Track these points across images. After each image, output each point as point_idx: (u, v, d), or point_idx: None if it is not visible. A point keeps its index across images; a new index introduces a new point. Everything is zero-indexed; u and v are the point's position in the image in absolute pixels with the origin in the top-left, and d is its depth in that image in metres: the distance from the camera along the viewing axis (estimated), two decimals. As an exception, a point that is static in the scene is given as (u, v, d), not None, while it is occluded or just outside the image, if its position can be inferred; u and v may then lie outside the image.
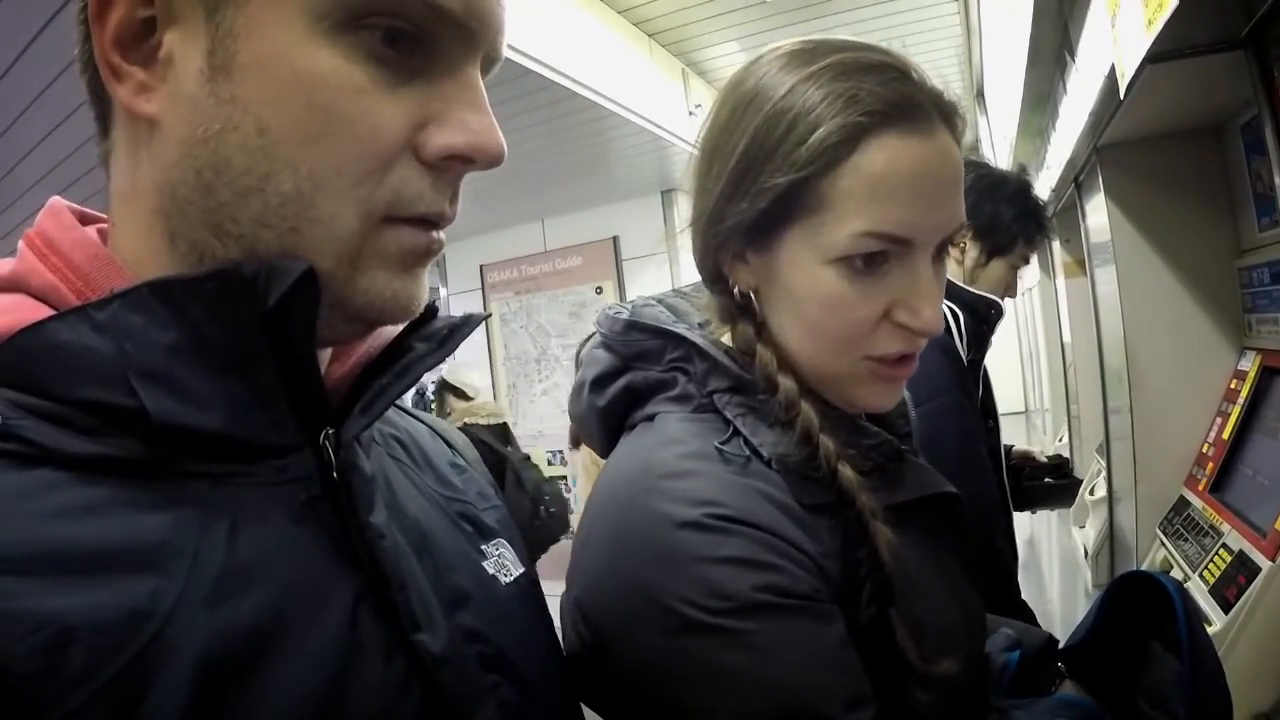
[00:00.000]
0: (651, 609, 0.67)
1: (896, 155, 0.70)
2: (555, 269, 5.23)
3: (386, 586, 0.52)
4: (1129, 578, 0.94)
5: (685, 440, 0.76)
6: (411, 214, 0.52)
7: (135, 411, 0.45)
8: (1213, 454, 1.85)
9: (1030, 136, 2.76)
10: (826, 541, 0.72)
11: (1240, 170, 1.77)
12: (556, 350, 5.21)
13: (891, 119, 0.70)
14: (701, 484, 0.71)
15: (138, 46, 0.49)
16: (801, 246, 0.73)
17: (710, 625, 0.65)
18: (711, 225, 0.77)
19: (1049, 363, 4.08)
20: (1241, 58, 1.31)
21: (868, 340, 0.74)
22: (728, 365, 0.78)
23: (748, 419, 0.76)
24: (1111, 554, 2.32)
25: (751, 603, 0.65)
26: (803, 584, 0.67)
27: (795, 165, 0.70)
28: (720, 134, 0.77)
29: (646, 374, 0.83)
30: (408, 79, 0.51)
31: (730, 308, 0.82)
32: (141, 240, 0.52)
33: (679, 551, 0.68)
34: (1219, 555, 1.57)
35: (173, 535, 0.45)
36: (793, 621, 0.66)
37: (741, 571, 0.66)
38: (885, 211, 0.70)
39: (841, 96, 0.70)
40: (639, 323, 0.83)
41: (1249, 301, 1.81)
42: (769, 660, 0.65)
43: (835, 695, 0.65)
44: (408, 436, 0.71)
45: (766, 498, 0.71)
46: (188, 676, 0.41)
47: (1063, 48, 1.91)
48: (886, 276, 0.72)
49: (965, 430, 1.67)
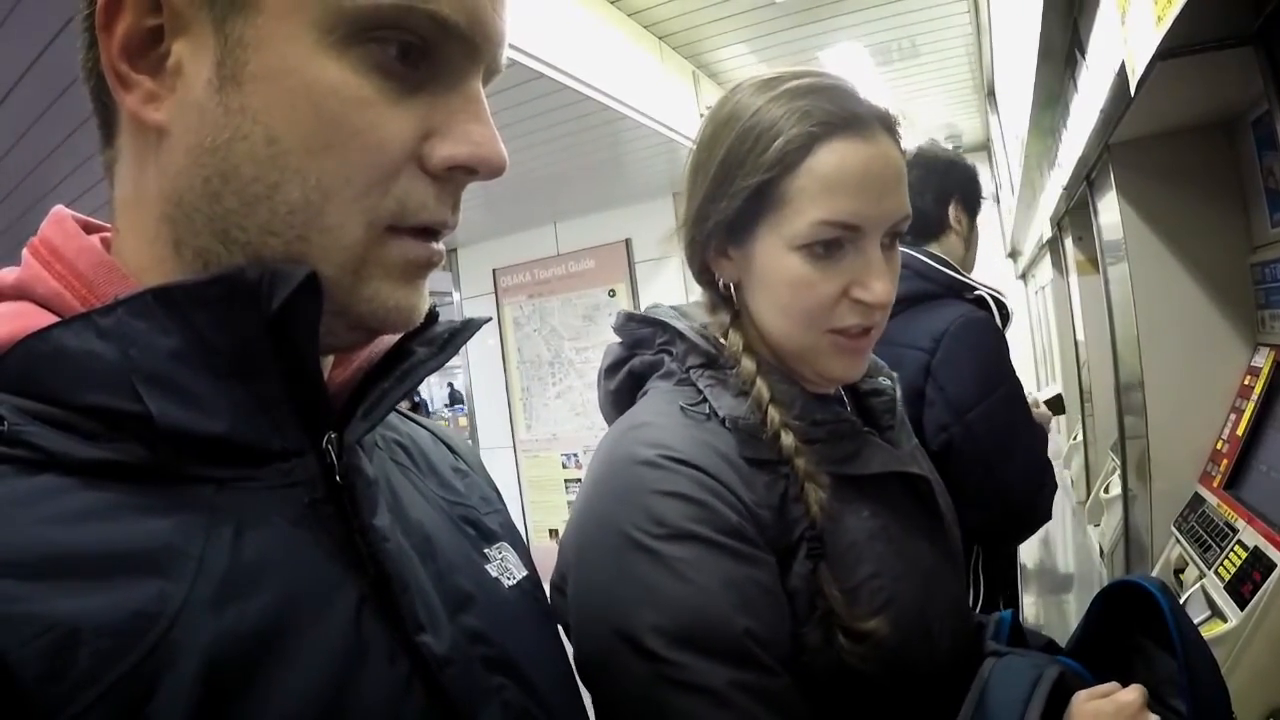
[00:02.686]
0: (604, 531, 0.82)
1: (844, 156, 0.86)
2: (568, 272, 5.24)
3: (390, 588, 0.53)
4: (1116, 586, 0.99)
5: (659, 402, 0.93)
6: (415, 223, 0.53)
7: (140, 416, 0.46)
8: (1227, 450, 1.84)
9: (1041, 135, 2.75)
10: (762, 493, 0.85)
11: (1252, 166, 1.76)
12: (570, 353, 5.21)
13: (839, 128, 0.86)
14: (658, 431, 0.87)
15: (145, 55, 0.50)
16: (771, 237, 0.89)
17: (645, 546, 0.78)
18: (697, 225, 0.94)
19: (1062, 361, 4.07)
20: (1251, 53, 1.31)
21: (830, 315, 0.89)
22: (702, 345, 0.94)
23: (715, 388, 0.92)
24: (1127, 552, 2.31)
25: (683, 531, 0.79)
26: (730, 523, 0.80)
27: (762, 168, 0.87)
28: (704, 150, 0.94)
29: (644, 358, 1.00)
30: (412, 91, 0.52)
31: (714, 299, 0.99)
32: (146, 247, 0.53)
33: (633, 484, 0.83)
34: (1234, 552, 1.57)
35: (178, 539, 0.45)
36: (713, 555, 0.79)
37: (679, 504, 0.80)
38: (837, 203, 0.86)
39: (797, 111, 0.87)
40: (636, 315, 1.02)
41: (1262, 298, 1.80)
42: (683, 583, 0.77)
43: (736, 623, 0.76)
44: (410, 441, 0.72)
45: (713, 449, 0.86)
46: (194, 678, 0.42)
47: (1073, 45, 1.91)
48: (843, 260, 0.88)
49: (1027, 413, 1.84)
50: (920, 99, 5.33)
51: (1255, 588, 1.40)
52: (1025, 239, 4.97)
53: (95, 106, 0.55)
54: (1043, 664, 0.86)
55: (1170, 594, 0.91)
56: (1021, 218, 4.55)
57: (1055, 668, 0.85)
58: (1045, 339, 4.99)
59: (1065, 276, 3.56)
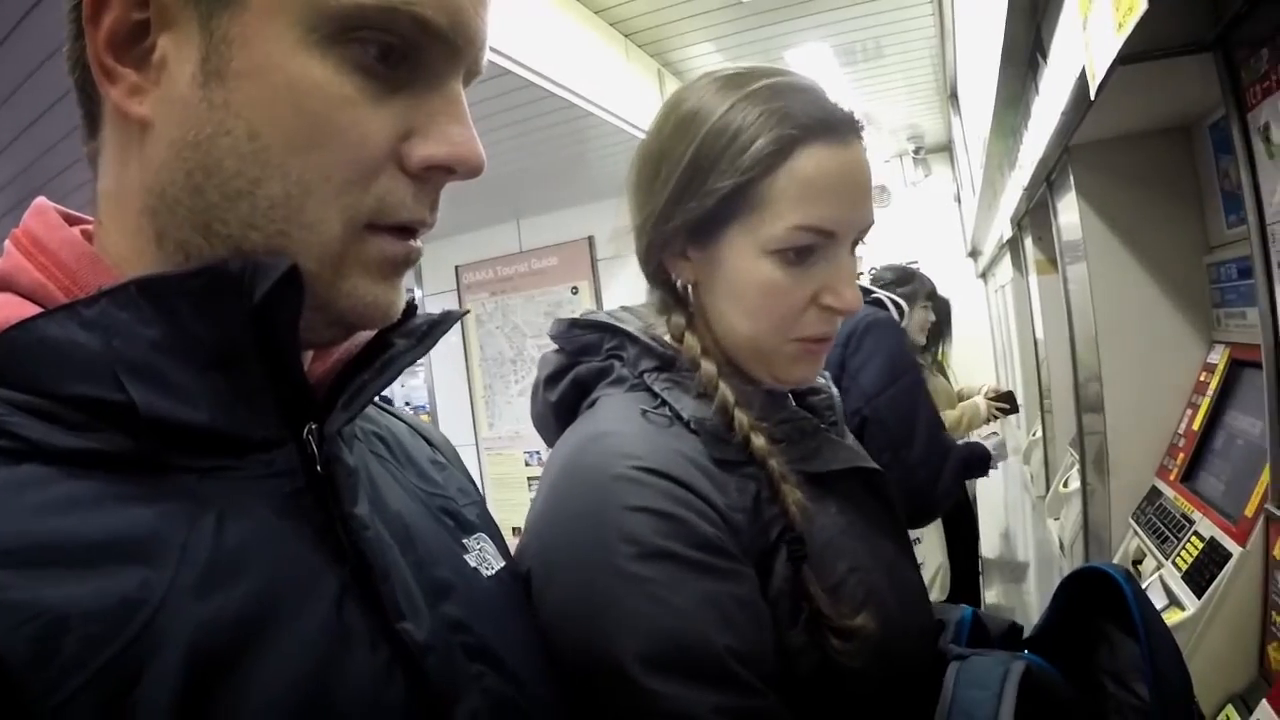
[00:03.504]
0: (575, 552, 0.78)
1: (823, 161, 0.84)
2: (531, 269, 5.23)
3: (370, 577, 0.54)
4: (1079, 573, 1.01)
5: (617, 409, 0.89)
6: (394, 222, 0.55)
7: (123, 406, 0.47)
8: (1183, 445, 1.89)
9: (1003, 136, 2.79)
10: (735, 496, 0.82)
11: (1209, 169, 1.80)
12: (533, 351, 5.21)
13: (818, 132, 0.84)
14: (624, 441, 0.83)
15: (131, 49, 0.51)
16: (743, 240, 0.86)
17: (620, 568, 0.74)
18: (659, 225, 0.90)
19: (1022, 359, 4.13)
20: (1210, 60, 1.35)
21: (798, 323, 0.88)
22: (654, 347, 0.92)
23: (673, 391, 0.89)
24: (1086, 544, 2.36)
25: (657, 549, 0.75)
26: (706, 535, 0.77)
27: (739, 170, 0.84)
28: (666, 145, 0.89)
29: (589, 365, 0.95)
30: (393, 91, 0.53)
31: (668, 300, 0.95)
32: (129, 239, 0.54)
33: (602, 500, 0.78)
34: (1191, 542, 1.61)
35: (161, 527, 0.46)
36: (690, 572, 0.75)
37: (651, 520, 0.76)
38: (815, 208, 0.84)
39: (776, 113, 0.84)
40: (580, 320, 0.98)
41: (1218, 296, 1.85)
42: (661, 606, 0.73)
43: (716, 643, 0.73)
44: (388, 434, 0.73)
45: (681, 454, 0.82)
46: (178, 665, 0.43)
47: (1035, 49, 1.94)
48: (815, 266, 0.86)
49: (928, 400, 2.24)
50: (883, 100, 5.38)
51: (1212, 577, 1.44)
52: (985, 239, 5.03)
53: (80, 98, 0.56)
54: (1007, 660, 0.86)
55: (1133, 580, 0.92)
56: (982, 218, 4.61)
57: (1021, 662, 0.86)
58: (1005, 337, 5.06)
59: (1025, 276, 3.61)
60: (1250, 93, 1.26)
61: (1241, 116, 1.31)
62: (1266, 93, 1.21)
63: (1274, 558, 1.31)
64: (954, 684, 0.85)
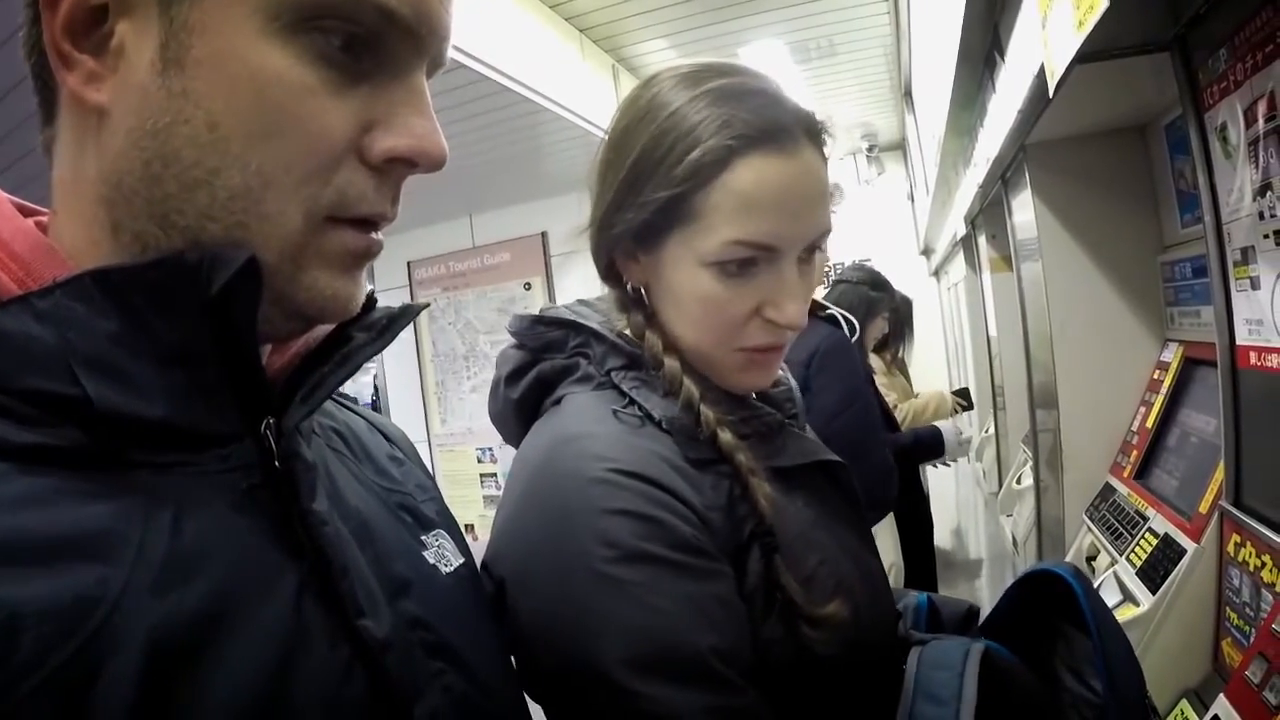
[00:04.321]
0: (554, 557, 0.76)
1: (762, 174, 0.80)
2: (484, 265, 5.18)
3: (329, 573, 0.53)
4: (1032, 573, 1.01)
5: (586, 409, 0.87)
6: (354, 214, 0.54)
7: (78, 400, 0.45)
8: (1137, 442, 1.91)
9: (958, 134, 2.81)
10: (710, 495, 0.81)
11: (1164, 169, 1.83)
12: (485, 347, 5.17)
13: (758, 142, 0.80)
14: (599, 443, 0.81)
15: (88, 35, 0.49)
16: (682, 250, 0.84)
17: (600, 572, 0.73)
18: (604, 230, 0.89)
19: (975, 356, 4.18)
20: (1167, 60, 1.36)
21: (740, 334, 0.86)
22: (621, 346, 0.90)
23: (641, 390, 0.87)
24: (1039, 541, 2.39)
25: (636, 552, 0.74)
26: (685, 536, 0.76)
27: (673, 182, 0.81)
28: (616, 144, 0.87)
29: (554, 362, 0.93)
30: (356, 82, 0.52)
31: (625, 299, 0.93)
32: (84, 230, 0.52)
33: (579, 504, 0.77)
34: (1145, 538, 1.63)
35: (117, 523, 0.45)
36: (670, 574, 0.74)
37: (630, 522, 0.75)
38: (752, 223, 0.81)
39: (716, 120, 0.81)
40: (544, 316, 0.95)
41: (1171, 295, 1.88)
42: (642, 608, 0.72)
43: (700, 644, 0.72)
44: (346, 429, 0.72)
45: (657, 455, 0.81)
46: (136, 662, 0.42)
47: (993, 48, 1.95)
48: (756, 278, 0.83)
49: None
50: (837, 98, 5.41)
51: (1166, 573, 1.45)
52: (939, 237, 5.09)
53: (35, 84, 0.54)
54: (967, 643, 0.87)
55: (1084, 578, 0.93)
56: (936, 216, 4.66)
57: (981, 643, 0.87)
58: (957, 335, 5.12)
59: (978, 273, 3.65)
60: (1208, 93, 1.28)
61: (1199, 117, 1.32)
62: (1224, 93, 1.22)
63: (1228, 554, 1.33)
64: (917, 666, 0.85)
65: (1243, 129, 1.18)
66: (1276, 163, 1.11)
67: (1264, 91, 1.11)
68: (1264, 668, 0.96)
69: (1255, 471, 1.29)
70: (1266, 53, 1.08)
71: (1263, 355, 1.23)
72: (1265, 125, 1.12)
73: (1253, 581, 1.23)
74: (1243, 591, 1.27)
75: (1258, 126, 1.14)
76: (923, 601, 1.07)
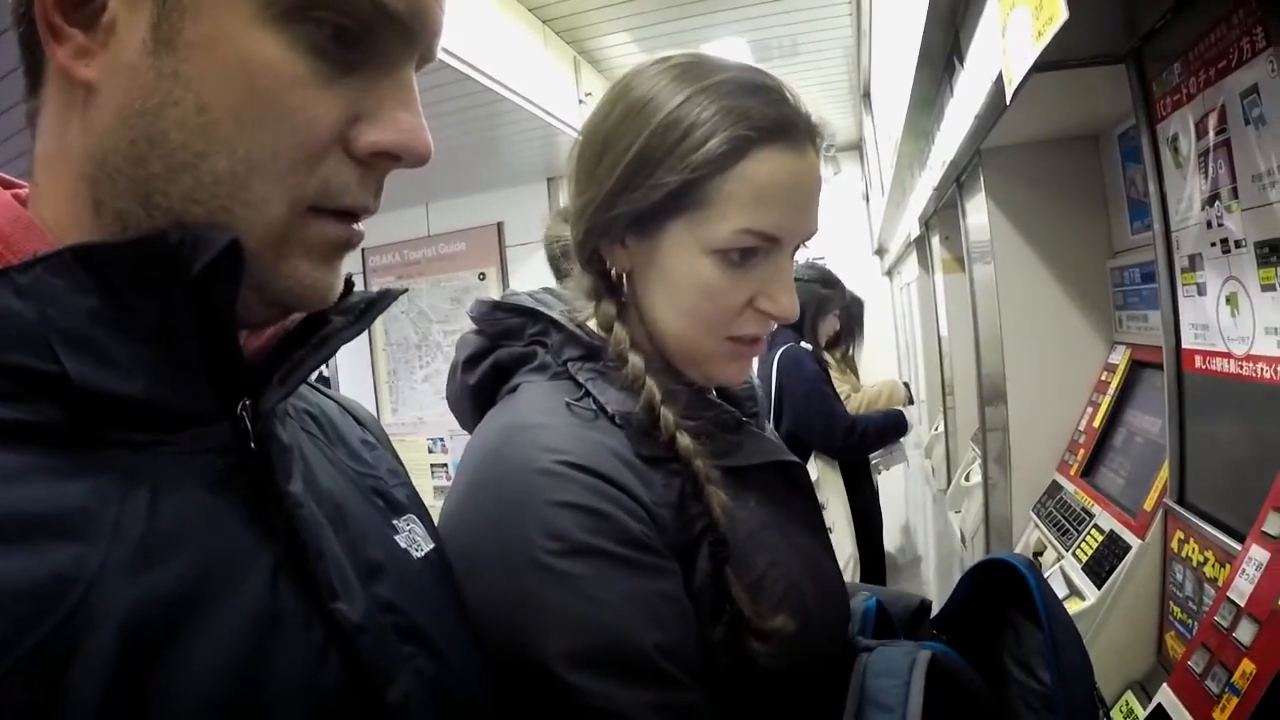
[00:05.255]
0: (499, 547, 0.76)
1: (776, 167, 0.83)
2: (439, 254, 5.17)
3: (304, 555, 0.53)
4: (986, 563, 1.03)
5: (539, 400, 0.87)
6: (337, 205, 0.54)
7: (56, 377, 0.45)
8: (1084, 441, 1.96)
9: (915, 137, 2.85)
10: (661, 491, 0.82)
11: (1115, 176, 1.88)
12: (438, 336, 5.16)
13: (774, 135, 0.82)
14: (550, 434, 0.81)
15: (80, 9, 0.49)
16: (685, 236, 0.84)
17: (545, 564, 0.73)
18: (601, 212, 0.87)
19: (925, 355, 4.23)
20: (1122, 71, 1.40)
21: (733, 323, 0.87)
22: (579, 335, 0.90)
23: (597, 382, 0.87)
24: (987, 537, 2.44)
25: (583, 545, 0.74)
26: (632, 531, 0.76)
27: (690, 167, 0.82)
28: (613, 131, 0.87)
29: (511, 349, 0.93)
30: (345, 73, 0.53)
31: (599, 288, 0.93)
32: (65, 205, 0.52)
33: (525, 494, 0.77)
34: (1091, 535, 1.68)
35: (93, 502, 0.45)
36: (616, 568, 0.74)
37: (577, 515, 0.75)
38: (763, 214, 0.83)
39: (734, 111, 0.82)
40: (503, 303, 0.95)
41: (1120, 299, 1.93)
42: (587, 602, 0.73)
43: (645, 640, 0.72)
44: (319, 412, 0.72)
45: (608, 449, 0.81)
46: (113, 641, 0.42)
47: (952, 53, 1.99)
48: (754, 269, 0.85)
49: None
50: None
51: (1112, 568, 1.50)
52: (892, 237, 5.14)
53: (23, 54, 0.54)
54: (914, 650, 0.88)
55: (1036, 570, 0.95)
56: (890, 216, 4.71)
57: (927, 651, 0.88)
58: (908, 334, 5.18)
59: (931, 274, 3.70)
60: (1161, 104, 1.32)
61: (1151, 127, 1.36)
62: (1176, 105, 1.26)
63: (1172, 550, 1.37)
64: (863, 674, 0.86)
65: (1194, 140, 1.22)
66: (1225, 173, 1.15)
67: (1215, 105, 1.15)
68: (1206, 658, 1.00)
69: (1198, 471, 1.34)
70: (1219, 68, 1.12)
71: (1207, 359, 1.28)
72: (1215, 137, 1.16)
73: (1195, 577, 1.28)
74: (1186, 586, 1.32)
75: (1208, 138, 1.18)
76: (871, 605, 1.07)
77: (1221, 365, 1.23)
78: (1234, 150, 1.12)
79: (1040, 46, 1.06)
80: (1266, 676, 0.89)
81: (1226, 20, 1.08)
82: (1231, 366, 1.20)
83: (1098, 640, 1.43)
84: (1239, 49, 1.07)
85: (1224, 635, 0.98)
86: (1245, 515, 1.07)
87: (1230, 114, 1.12)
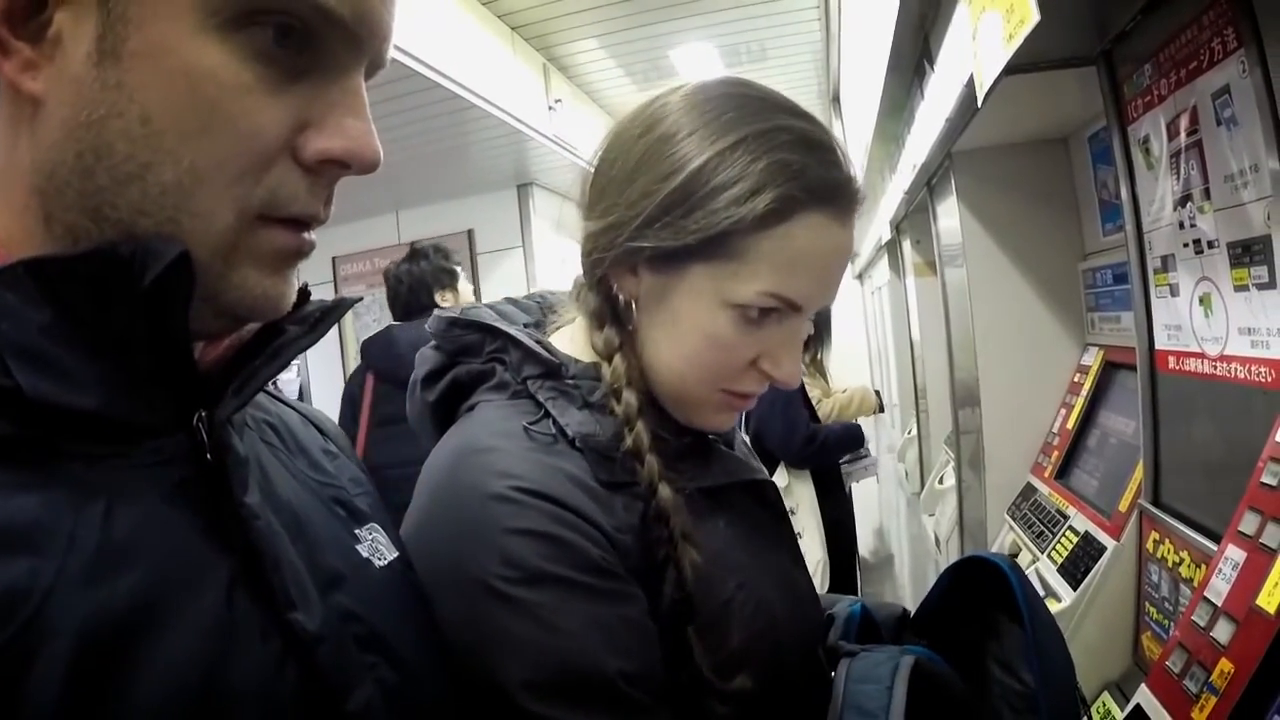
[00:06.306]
0: (455, 575, 0.74)
1: (818, 235, 0.79)
2: (410, 262, 5.11)
3: (261, 566, 0.53)
4: (967, 560, 1.02)
5: (496, 421, 0.84)
6: (286, 214, 0.54)
7: (9, 391, 0.45)
8: (1057, 443, 1.98)
9: (885, 141, 2.87)
10: (621, 515, 0.79)
11: (1086, 178, 1.90)
12: (409, 346, 5.10)
13: (822, 201, 0.78)
14: (506, 459, 0.78)
15: (27, 22, 0.48)
16: (706, 283, 0.80)
17: (501, 593, 0.71)
18: (625, 239, 0.82)
19: (897, 359, 4.26)
20: (1093, 73, 1.41)
21: (732, 378, 0.84)
22: (538, 352, 0.86)
23: (558, 401, 0.84)
24: (961, 539, 2.45)
25: (540, 573, 0.72)
26: (592, 557, 0.74)
27: (731, 218, 0.77)
28: (653, 153, 0.81)
29: (470, 367, 0.90)
30: (293, 80, 0.52)
31: (604, 311, 0.88)
32: (16, 220, 0.51)
33: (480, 521, 0.75)
34: (1066, 536, 1.68)
35: (47, 516, 0.44)
36: (575, 595, 0.73)
37: (534, 543, 0.73)
38: (794, 281, 0.79)
39: (788, 168, 0.77)
40: (460, 319, 0.90)
41: (1092, 301, 1.95)
42: (546, 631, 0.71)
43: (607, 667, 0.71)
44: (279, 422, 0.71)
45: (566, 475, 0.78)
46: (68, 653, 0.41)
47: (922, 57, 2.00)
48: (767, 330, 0.81)
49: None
50: (764, 102, 5.46)
51: (1087, 569, 1.50)
52: (863, 241, 5.16)
53: None
54: (897, 655, 0.87)
55: (1018, 569, 0.94)
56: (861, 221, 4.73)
57: (910, 656, 0.86)
58: (880, 338, 5.21)
59: (902, 278, 3.72)
60: (1132, 106, 1.32)
61: (1123, 129, 1.37)
62: (1147, 107, 1.27)
63: (1147, 551, 1.38)
64: (845, 679, 0.85)
65: (1165, 141, 1.23)
66: (1197, 174, 1.15)
67: (1186, 106, 1.15)
68: (1184, 658, 1.00)
69: (1173, 471, 1.35)
70: (1189, 69, 1.13)
71: (1181, 359, 1.28)
72: (1187, 139, 1.16)
73: (1171, 577, 1.28)
74: (1162, 587, 1.32)
75: (1180, 139, 1.18)
76: (856, 610, 1.06)
77: (1195, 366, 1.24)
78: (1206, 151, 1.13)
79: (1012, 49, 1.07)
80: (1245, 675, 0.89)
81: (1197, 21, 1.09)
82: (1205, 367, 1.21)
83: (1074, 641, 1.43)
84: (1210, 50, 1.07)
85: (1202, 635, 0.98)
86: (1220, 515, 1.08)
87: (1202, 115, 1.12)
